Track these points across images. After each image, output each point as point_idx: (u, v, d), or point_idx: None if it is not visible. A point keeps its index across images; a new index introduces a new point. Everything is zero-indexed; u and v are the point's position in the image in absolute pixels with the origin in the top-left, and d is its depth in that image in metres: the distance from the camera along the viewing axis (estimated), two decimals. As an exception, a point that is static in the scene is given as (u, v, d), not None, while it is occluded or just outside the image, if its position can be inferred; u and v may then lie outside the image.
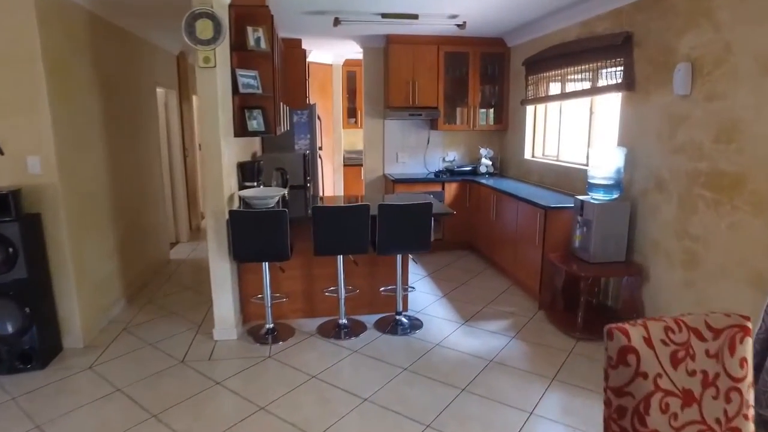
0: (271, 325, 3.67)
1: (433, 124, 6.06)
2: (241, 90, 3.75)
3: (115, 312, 4.02)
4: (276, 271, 3.74)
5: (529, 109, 5.49)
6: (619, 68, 3.78)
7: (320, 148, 6.20)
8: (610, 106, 4.20)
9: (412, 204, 3.40)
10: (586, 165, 4.45)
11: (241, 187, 3.99)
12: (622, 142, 3.83)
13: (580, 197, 3.77)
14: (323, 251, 3.43)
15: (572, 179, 4.57)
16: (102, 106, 3.92)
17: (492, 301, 4.32)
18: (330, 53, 7.32)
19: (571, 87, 4.54)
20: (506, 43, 5.79)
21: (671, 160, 3.31)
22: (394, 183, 5.63)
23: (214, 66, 3.17)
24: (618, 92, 3.81)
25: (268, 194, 3.64)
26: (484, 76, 5.91)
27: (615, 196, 3.64)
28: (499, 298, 4.40)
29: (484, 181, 5.54)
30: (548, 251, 3.98)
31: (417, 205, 3.41)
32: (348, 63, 7.67)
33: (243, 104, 3.93)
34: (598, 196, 3.66)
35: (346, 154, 8.06)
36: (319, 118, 6.12)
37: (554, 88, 4.86)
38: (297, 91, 5.86)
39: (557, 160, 5.02)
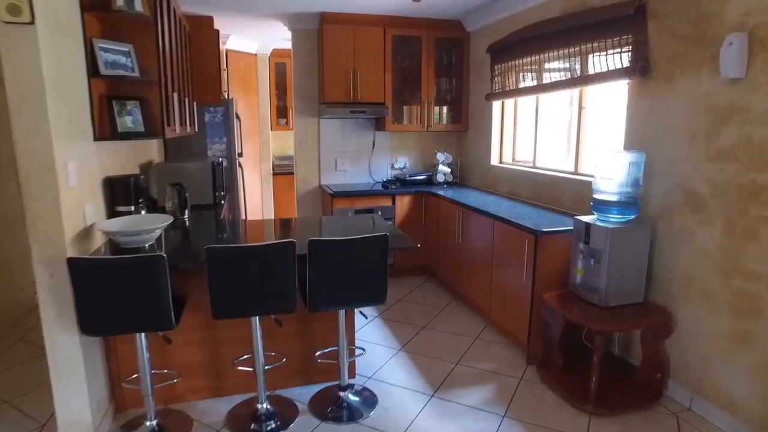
0: (154, 422, 2.45)
1: (379, 124, 5.01)
2: (104, 71, 2.54)
3: None
4: (159, 341, 2.53)
5: (496, 105, 4.56)
6: (625, 48, 2.88)
7: (240, 155, 4.99)
8: (608, 98, 3.33)
9: (358, 239, 2.31)
10: (575, 173, 3.57)
11: (112, 215, 2.75)
12: (630, 145, 2.94)
13: (584, 218, 2.84)
14: (224, 312, 2.27)
15: (558, 192, 3.65)
16: None
17: (465, 353, 3.31)
18: (253, 40, 6.10)
19: (553, 76, 3.63)
20: (464, 27, 4.84)
21: (712, 168, 2.42)
22: (332, 197, 4.51)
23: (31, 22, 1.93)
24: (624, 79, 2.91)
25: (143, 226, 2.43)
26: (439, 66, 4.93)
27: (631, 216, 2.73)
28: (473, 347, 3.40)
29: (443, 192, 4.55)
30: (540, 288, 3.02)
31: (365, 240, 2.32)
32: (277, 53, 6.47)
33: (110, 92, 2.70)
34: (609, 217, 2.74)
35: (277, 161, 6.85)
36: (238, 116, 4.91)
37: (529, 79, 3.95)
38: (207, 82, 4.63)
39: (534, 168, 4.10)
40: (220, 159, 4.24)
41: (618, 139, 3.08)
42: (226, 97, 5.81)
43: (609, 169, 2.72)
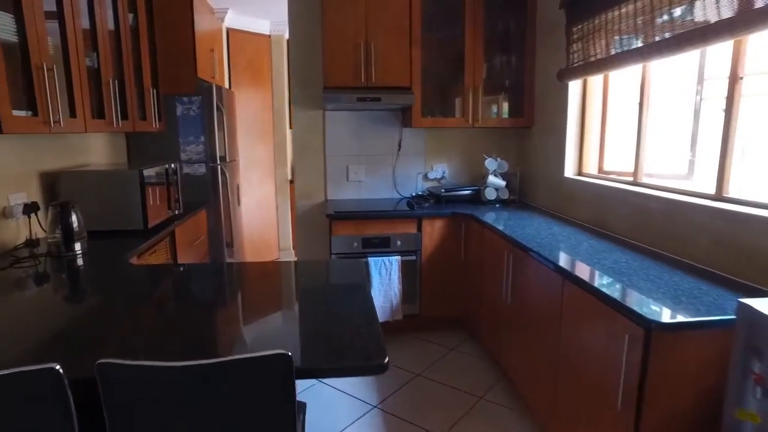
0: None
1: (405, 118, 3.65)
2: None
3: None
4: None
5: (574, 88, 3.04)
6: None
7: (222, 158, 3.82)
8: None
9: (212, 366, 0.98)
10: (717, 199, 2.01)
11: None
12: None
13: (763, 306, 1.31)
14: None
15: (684, 229, 2.10)
16: None
17: None
18: (265, 18, 4.98)
19: (675, 29, 2.08)
20: (530, -22, 3.37)
21: None
22: (330, 220, 3.21)
23: None
24: None
25: None
26: (491, 36, 3.49)
27: None
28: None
29: (490, 218, 3.10)
30: (651, 428, 1.52)
31: (234, 366, 0.99)
32: (298, 36, 5.29)
33: None
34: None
35: (297, 167, 5.65)
36: (219, 108, 3.74)
37: (628, 41, 2.42)
38: (176, 64, 3.53)
39: (635, 184, 2.55)
40: (173, 165, 3.08)
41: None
42: (228, 86, 4.72)
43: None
